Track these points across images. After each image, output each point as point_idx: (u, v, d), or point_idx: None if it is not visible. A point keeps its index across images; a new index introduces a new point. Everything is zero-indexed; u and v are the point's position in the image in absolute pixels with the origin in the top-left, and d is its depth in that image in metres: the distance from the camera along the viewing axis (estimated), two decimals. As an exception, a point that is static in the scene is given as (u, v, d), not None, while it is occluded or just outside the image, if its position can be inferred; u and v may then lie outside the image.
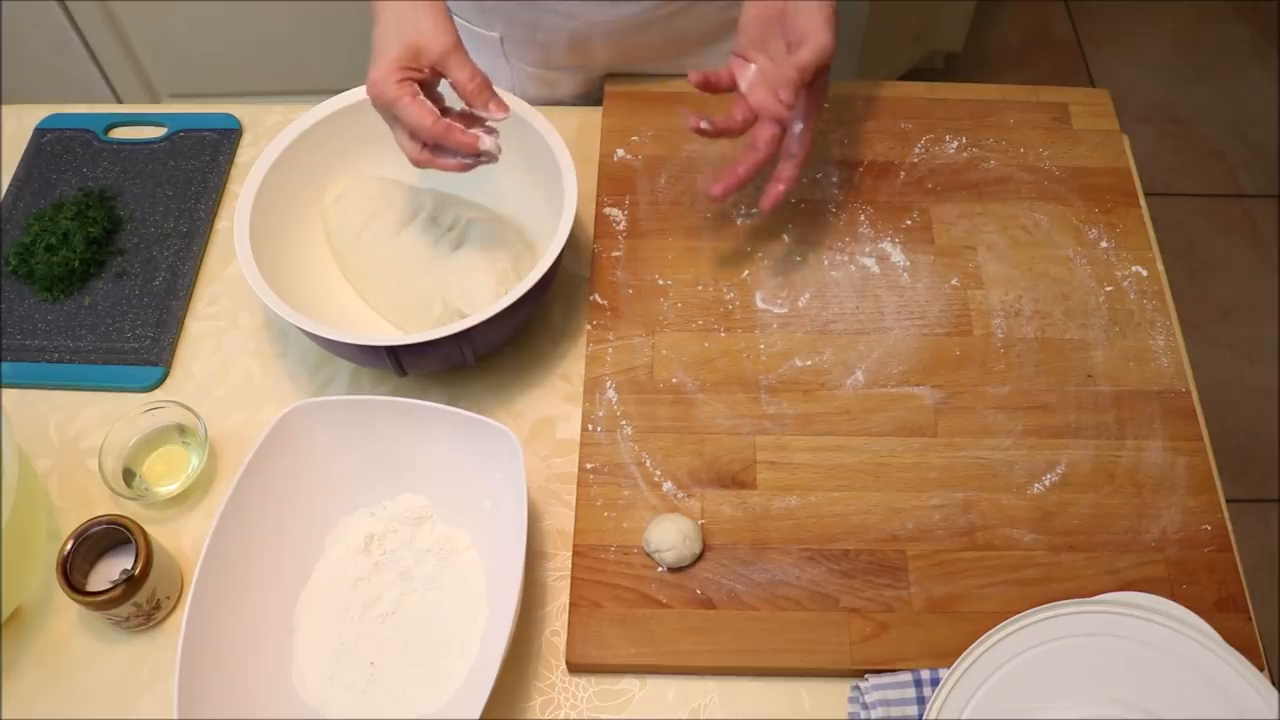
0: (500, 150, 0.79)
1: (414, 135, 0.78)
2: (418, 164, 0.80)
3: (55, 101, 1.08)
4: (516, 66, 1.06)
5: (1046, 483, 0.83)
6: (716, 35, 1.05)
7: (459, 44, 0.78)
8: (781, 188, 0.85)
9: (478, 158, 0.79)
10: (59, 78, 1.95)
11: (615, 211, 0.98)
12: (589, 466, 0.84)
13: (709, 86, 0.82)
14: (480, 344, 0.85)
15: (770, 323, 0.91)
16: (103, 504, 0.84)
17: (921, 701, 0.72)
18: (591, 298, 0.93)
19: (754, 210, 0.98)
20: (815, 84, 0.81)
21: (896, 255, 0.96)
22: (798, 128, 0.82)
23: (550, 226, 0.86)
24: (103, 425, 0.87)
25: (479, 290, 0.87)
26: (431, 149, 0.78)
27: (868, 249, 0.96)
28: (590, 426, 0.86)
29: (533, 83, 1.07)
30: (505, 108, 0.78)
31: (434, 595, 0.79)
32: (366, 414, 0.80)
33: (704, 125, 0.81)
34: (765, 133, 0.81)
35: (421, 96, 0.77)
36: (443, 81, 0.80)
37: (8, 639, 0.79)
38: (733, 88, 0.83)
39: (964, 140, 1.03)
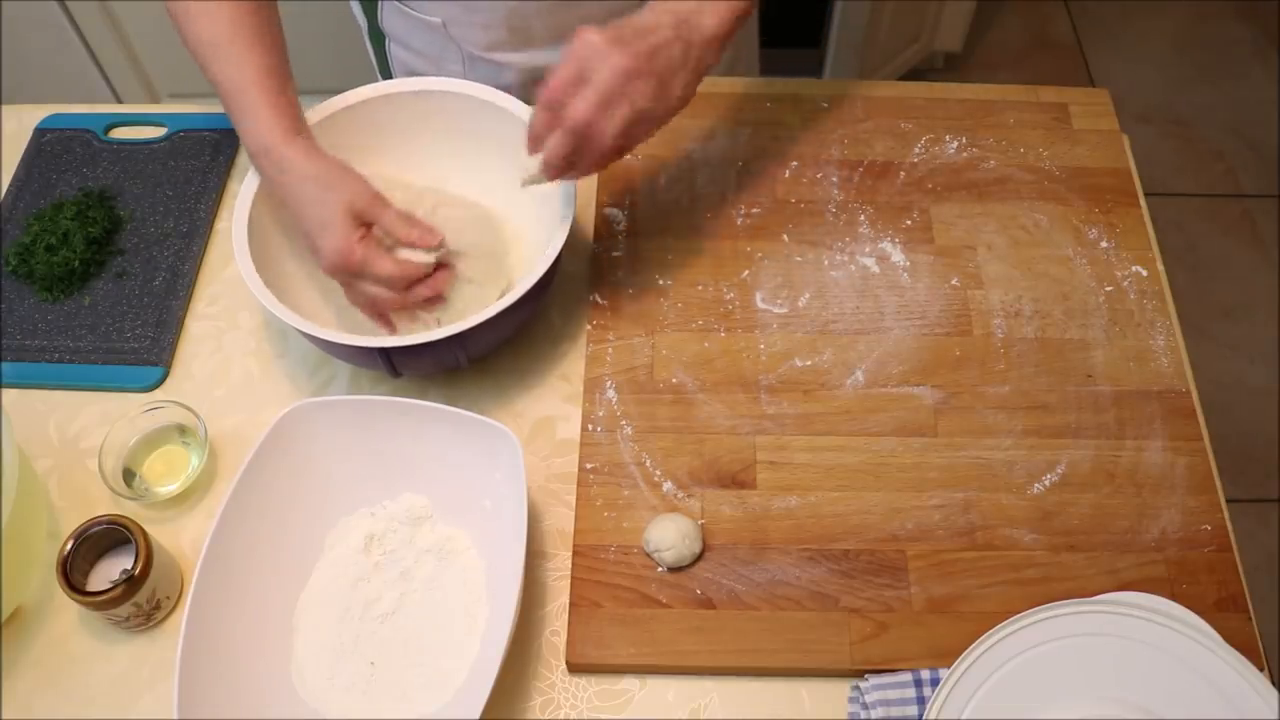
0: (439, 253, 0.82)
1: (390, 285, 0.80)
2: (394, 308, 0.82)
3: (55, 101, 1.08)
4: (465, 50, 1.05)
5: (1046, 483, 0.83)
6: None
7: (376, 190, 0.82)
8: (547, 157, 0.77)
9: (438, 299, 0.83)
10: (59, 78, 1.95)
11: (615, 211, 0.98)
12: (589, 466, 0.84)
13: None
14: (474, 347, 0.84)
15: (770, 323, 0.91)
16: (103, 504, 0.84)
17: (921, 701, 0.72)
18: (591, 298, 0.93)
19: (754, 210, 0.98)
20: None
21: (896, 255, 0.96)
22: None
23: (549, 227, 0.86)
24: (103, 425, 0.87)
25: (478, 291, 0.87)
26: (402, 291, 0.81)
27: (868, 249, 0.96)
28: (590, 426, 0.86)
29: (481, 66, 1.06)
30: (438, 235, 0.81)
31: (434, 595, 0.79)
32: (366, 414, 0.80)
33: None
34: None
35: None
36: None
37: (8, 639, 0.79)
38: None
39: (964, 140, 1.03)
